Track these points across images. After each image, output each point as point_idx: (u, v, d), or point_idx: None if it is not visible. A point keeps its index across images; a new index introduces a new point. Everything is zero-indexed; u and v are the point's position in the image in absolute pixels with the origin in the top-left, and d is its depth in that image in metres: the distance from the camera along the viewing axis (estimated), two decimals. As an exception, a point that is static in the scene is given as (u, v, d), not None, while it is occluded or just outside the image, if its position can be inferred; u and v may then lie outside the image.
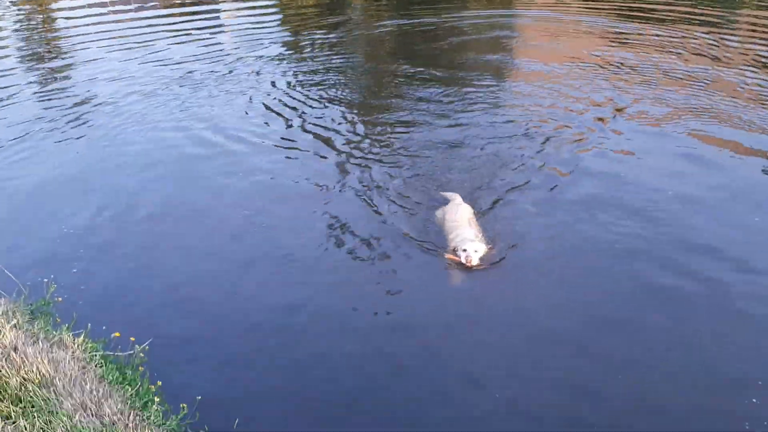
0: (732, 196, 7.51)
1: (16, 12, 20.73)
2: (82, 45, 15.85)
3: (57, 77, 13.36)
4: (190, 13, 18.78)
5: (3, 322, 4.92)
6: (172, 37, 15.94)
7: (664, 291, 5.88)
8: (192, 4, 20.57)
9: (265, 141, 9.55)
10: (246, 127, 10.03)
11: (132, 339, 4.94)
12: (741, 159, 8.42)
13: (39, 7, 21.22)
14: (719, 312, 5.60)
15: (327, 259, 6.54)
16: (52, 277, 5.70)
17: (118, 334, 5.03)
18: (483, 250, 6.34)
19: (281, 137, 9.62)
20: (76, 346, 4.84)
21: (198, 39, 15.77)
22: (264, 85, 11.97)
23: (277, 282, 6.30)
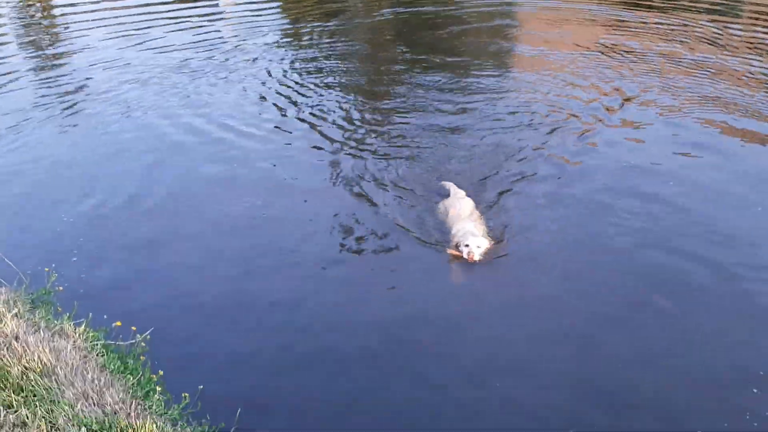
0: (742, 185, 7.44)
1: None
2: (79, 32, 15.72)
3: (54, 65, 13.26)
4: (189, 0, 18.61)
5: (4, 311, 4.91)
6: (170, 25, 15.82)
7: (670, 285, 5.78)
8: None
9: (264, 130, 9.48)
10: (245, 116, 9.96)
11: (133, 328, 4.93)
12: (750, 148, 8.37)
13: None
14: (727, 305, 5.53)
15: (328, 253, 6.48)
16: (53, 266, 5.69)
17: (119, 323, 5.02)
18: (485, 245, 6.24)
19: (280, 126, 9.56)
20: (77, 335, 4.84)
21: (197, 27, 15.65)
22: (263, 74, 11.89)
23: (278, 273, 6.25)
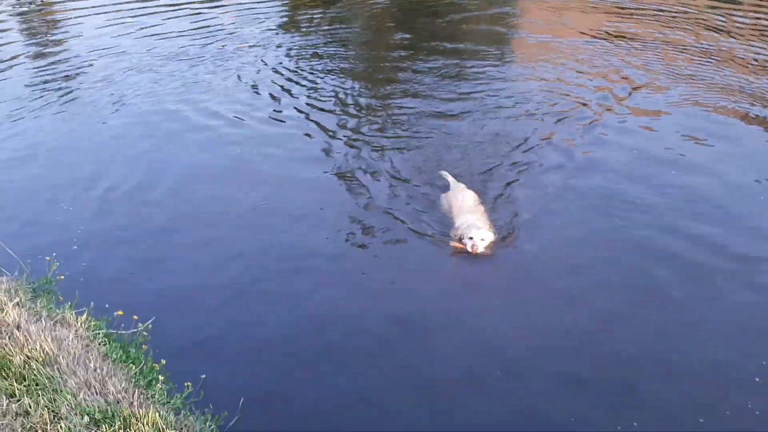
0: (755, 172, 7.40)
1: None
2: (76, 20, 15.63)
3: (51, 52, 13.19)
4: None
5: (6, 300, 4.90)
6: (168, 12, 15.71)
7: (675, 282, 5.69)
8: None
9: (263, 119, 9.43)
10: (243, 105, 9.92)
11: (135, 317, 4.92)
12: (758, 135, 8.37)
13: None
14: (741, 300, 5.48)
15: (331, 245, 6.41)
16: (54, 255, 5.67)
17: (120, 312, 5.01)
18: (490, 237, 6.16)
19: (279, 115, 9.53)
20: (79, 324, 4.84)
21: (195, 14, 15.56)
22: (261, 61, 11.82)
23: (280, 263, 6.23)
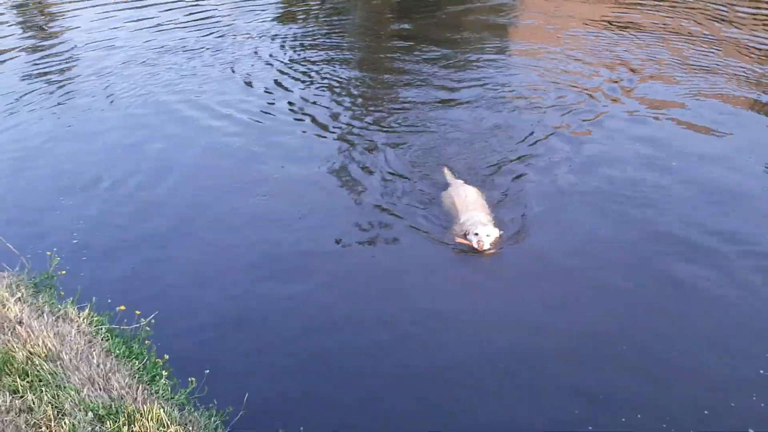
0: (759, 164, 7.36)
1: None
2: (72, 12, 15.56)
3: (47, 45, 13.14)
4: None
5: (7, 295, 4.88)
6: (165, 3, 15.62)
7: (681, 283, 5.57)
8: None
9: (260, 112, 9.37)
10: (241, 99, 9.87)
11: (137, 312, 4.89)
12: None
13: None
14: (753, 304, 5.36)
15: (330, 246, 6.31)
16: (54, 250, 5.64)
17: (123, 307, 5.00)
18: (495, 234, 6.07)
19: (277, 109, 9.47)
20: (81, 319, 4.81)
21: (192, 5, 15.48)
22: (258, 54, 11.76)
23: (279, 263, 6.15)
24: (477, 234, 5.98)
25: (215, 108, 9.55)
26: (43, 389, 3.96)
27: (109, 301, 5.18)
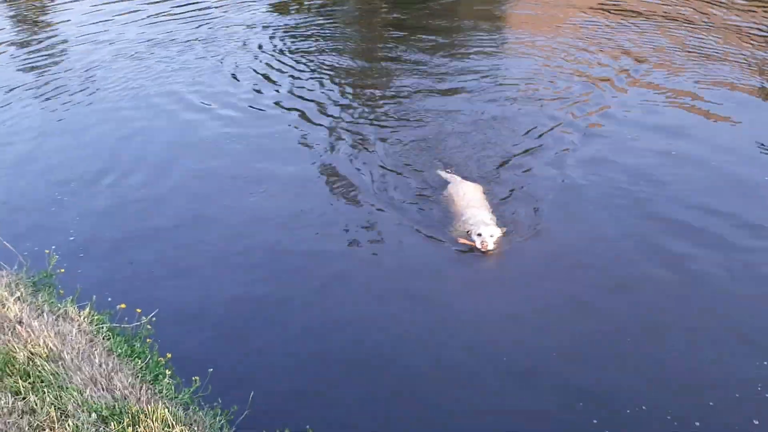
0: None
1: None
2: (63, 5, 15.41)
3: (39, 39, 13.01)
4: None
5: (6, 295, 4.81)
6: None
7: (685, 283, 5.53)
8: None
9: (254, 106, 9.30)
10: (234, 92, 9.81)
11: (138, 310, 4.84)
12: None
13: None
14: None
15: (330, 245, 6.25)
16: (53, 248, 5.57)
17: (123, 305, 4.94)
18: (498, 233, 5.99)
19: (271, 102, 9.41)
20: (82, 318, 4.76)
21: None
22: (251, 48, 11.66)
23: (280, 261, 6.11)
24: (480, 234, 5.90)
25: (210, 103, 9.46)
26: (46, 390, 3.91)
27: (109, 300, 5.13)
